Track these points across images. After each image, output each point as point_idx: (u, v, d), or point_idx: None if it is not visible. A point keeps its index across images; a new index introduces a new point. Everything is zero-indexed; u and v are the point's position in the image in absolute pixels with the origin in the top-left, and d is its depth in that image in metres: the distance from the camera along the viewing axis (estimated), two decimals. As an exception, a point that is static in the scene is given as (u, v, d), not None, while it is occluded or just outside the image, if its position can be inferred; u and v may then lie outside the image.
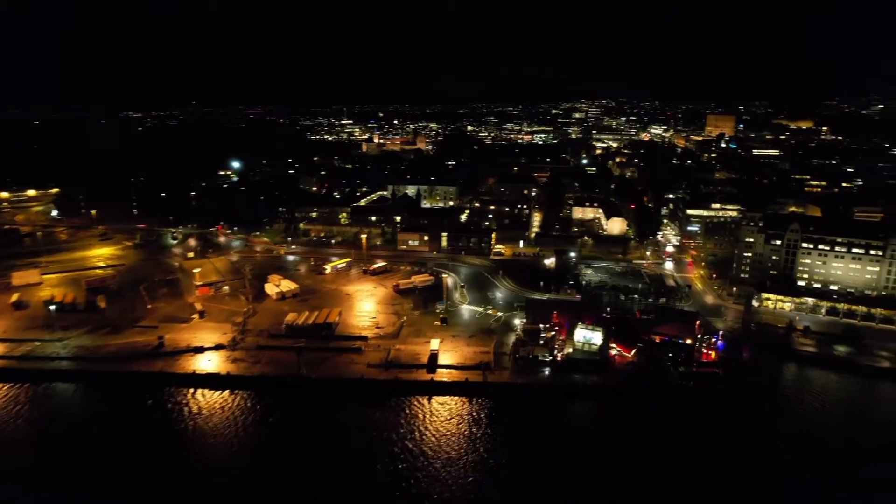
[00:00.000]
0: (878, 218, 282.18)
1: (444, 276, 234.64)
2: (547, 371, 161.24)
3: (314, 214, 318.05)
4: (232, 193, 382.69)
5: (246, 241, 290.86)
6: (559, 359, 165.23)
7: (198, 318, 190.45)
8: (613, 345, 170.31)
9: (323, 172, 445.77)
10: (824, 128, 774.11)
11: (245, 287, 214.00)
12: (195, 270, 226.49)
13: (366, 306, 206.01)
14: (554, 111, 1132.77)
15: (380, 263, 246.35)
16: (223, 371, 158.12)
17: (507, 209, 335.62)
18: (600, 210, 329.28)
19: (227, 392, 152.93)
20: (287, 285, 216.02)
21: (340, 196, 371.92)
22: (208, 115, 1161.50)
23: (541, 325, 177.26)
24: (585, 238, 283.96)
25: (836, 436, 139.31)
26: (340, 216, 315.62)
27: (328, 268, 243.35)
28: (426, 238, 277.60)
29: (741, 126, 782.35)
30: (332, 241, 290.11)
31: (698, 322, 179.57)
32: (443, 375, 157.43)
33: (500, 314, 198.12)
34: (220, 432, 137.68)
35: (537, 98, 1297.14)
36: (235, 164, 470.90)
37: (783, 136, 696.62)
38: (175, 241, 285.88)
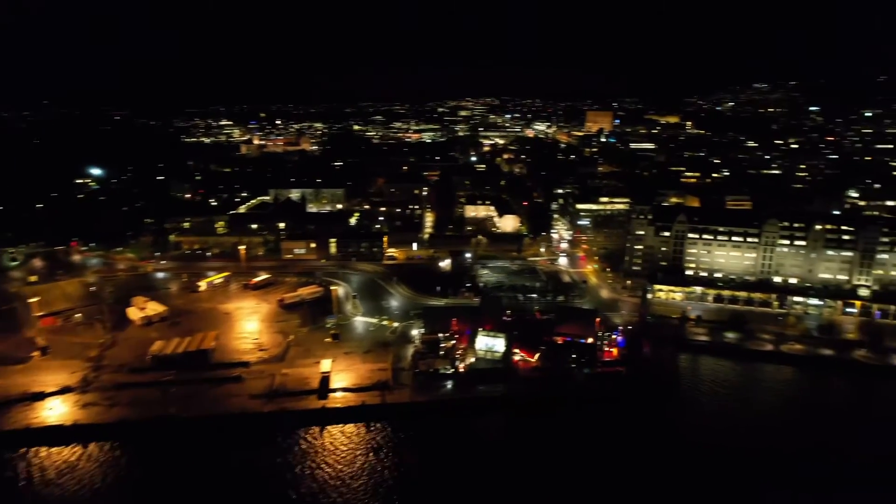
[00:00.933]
0: (748, 206, 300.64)
1: (334, 286, 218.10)
2: (449, 385, 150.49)
3: (187, 225, 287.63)
4: (90, 205, 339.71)
5: (105, 259, 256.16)
6: (461, 370, 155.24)
7: (39, 356, 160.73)
8: (517, 350, 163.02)
9: (198, 178, 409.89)
10: (689, 122, 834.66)
11: (102, 313, 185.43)
12: (32, 299, 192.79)
13: (247, 326, 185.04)
14: (440, 109, 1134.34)
15: (262, 276, 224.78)
16: (69, 420, 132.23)
17: (398, 210, 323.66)
18: (493, 208, 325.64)
19: (77, 446, 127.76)
20: (154, 308, 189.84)
21: (217, 203, 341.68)
22: (65, 116, 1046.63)
23: (440, 335, 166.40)
24: (480, 237, 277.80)
25: (731, 423, 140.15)
26: (217, 225, 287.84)
27: (203, 284, 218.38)
28: (313, 245, 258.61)
29: (618, 121, 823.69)
30: (209, 254, 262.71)
31: (598, 319, 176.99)
32: (336, 401, 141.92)
33: (396, 325, 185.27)
34: (69, 499, 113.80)
35: (423, 96, 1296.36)
36: (96, 172, 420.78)
37: (655, 131, 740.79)
38: (15, 263, 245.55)
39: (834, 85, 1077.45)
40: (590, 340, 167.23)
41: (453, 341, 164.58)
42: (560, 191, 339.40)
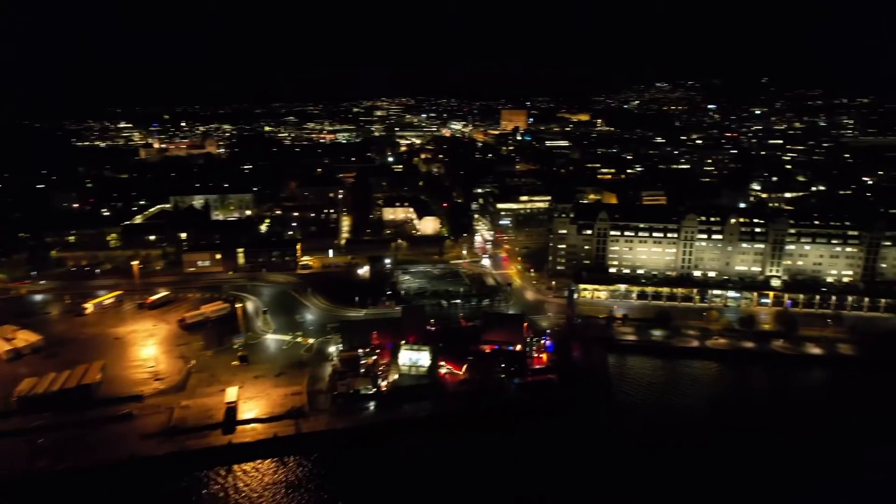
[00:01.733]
0: (664, 201, 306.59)
1: (242, 301, 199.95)
2: (372, 406, 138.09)
3: (72, 238, 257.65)
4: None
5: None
6: (384, 389, 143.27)
7: None
8: (443, 363, 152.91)
9: (89, 185, 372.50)
10: (599, 120, 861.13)
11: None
12: None
13: (142, 352, 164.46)
14: (355, 109, 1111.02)
15: (160, 294, 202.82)
16: None
17: (312, 215, 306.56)
18: (412, 209, 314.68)
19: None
20: (25, 338, 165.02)
21: (110, 213, 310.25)
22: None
23: (360, 351, 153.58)
24: (399, 241, 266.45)
25: (663, 424, 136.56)
26: (109, 238, 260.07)
27: (90, 306, 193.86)
28: (219, 257, 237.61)
29: (532, 120, 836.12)
30: (98, 271, 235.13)
31: (525, 324, 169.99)
32: (245, 434, 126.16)
33: (311, 341, 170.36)
34: None
35: (338, 97, 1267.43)
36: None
37: (568, 128, 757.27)
38: None
39: (727, 85, 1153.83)
40: (518, 347, 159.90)
41: (374, 357, 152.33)
42: (479, 190, 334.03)
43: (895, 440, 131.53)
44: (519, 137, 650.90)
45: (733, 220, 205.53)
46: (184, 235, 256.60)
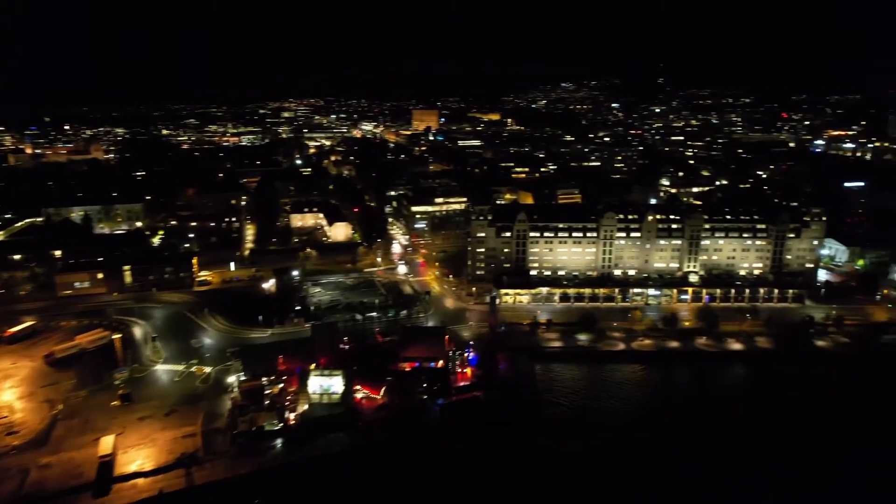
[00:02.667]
0: (579, 199, 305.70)
1: (126, 327, 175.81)
2: (279, 444, 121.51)
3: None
4: None
5: None
6: (292, 422, 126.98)
7: None
8: (358, 386, 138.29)
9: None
10: (509, 119, 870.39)
11: None
12: None
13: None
14: (262, 111, 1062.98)
15: (23, 324, 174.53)
16: None
17: (212, 224, 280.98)
18: (321, 215, 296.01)
19: None
20: None
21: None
22: None
23: (264, 379, 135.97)
24: (309, 250, 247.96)
25: (594, 435, 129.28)
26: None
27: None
28: (101, 276, 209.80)
29: (443, 120, 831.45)
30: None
31: (447, 337, 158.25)
32: (123, 494, 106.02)
33: (208, 370, 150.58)
34: None
35: (244, 98, 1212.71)
36: None
37: (479, 128, 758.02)
38: None
39: (627, 85, 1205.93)
40: (440, 363, 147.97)
41: (281, 385, 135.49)
42: (393, 193, 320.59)
43: (817, 434, 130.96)
44: (431, 137, 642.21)
45: (650, 218, 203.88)
46: (58, 253, 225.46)
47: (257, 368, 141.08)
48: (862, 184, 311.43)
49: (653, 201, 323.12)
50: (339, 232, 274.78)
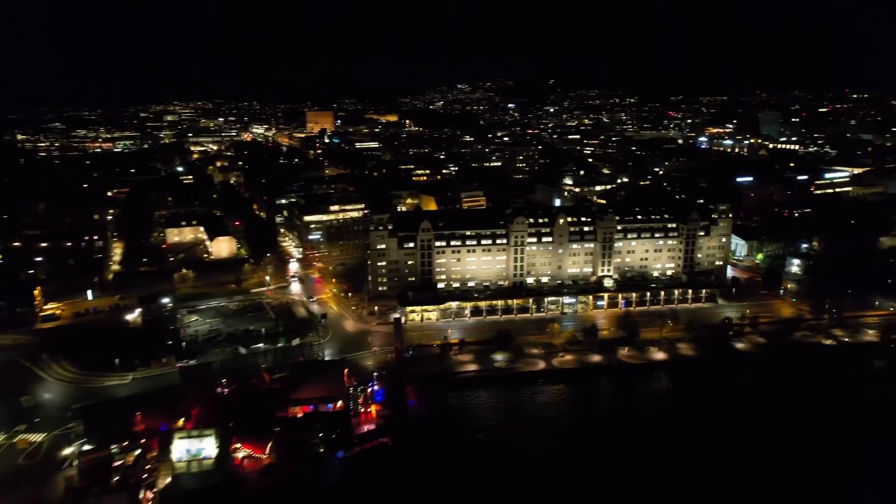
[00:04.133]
0: (483, 201, 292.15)
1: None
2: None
3: None
4: None
5: None
6: (150, 499, 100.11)
7: None
8: (239, 444, 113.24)
9: None
10: (407, 120, 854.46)
11: None
12: None
13: None
14: (142, 115, 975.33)
15: None
16: None
17: (68, 244, 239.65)
18: (202, 229, 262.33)
19: None
20: None
21: None
22: None
23: (113, 447, 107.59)
24: (185, 270, 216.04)
25: (522, 474, 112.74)
26: None
27: None
28: None
29: (339, 122, 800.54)
30: None
31: (346, 370, 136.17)
32: None
33: (37, 439, 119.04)
34: None
35: (124, 101, 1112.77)
36: None
37: (377, 129, 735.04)
38: None
39: (520, 86, 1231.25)
40: (340, 404, 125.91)
41: (136, 453, 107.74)
42: (284, 201, 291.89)
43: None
44: (327, 140, 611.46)
45: (561, 221, 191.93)
46: None
47: (106, 432, 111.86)
48: (751, 179, 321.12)
49: (558, 201, 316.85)
50: (223, 247, 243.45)
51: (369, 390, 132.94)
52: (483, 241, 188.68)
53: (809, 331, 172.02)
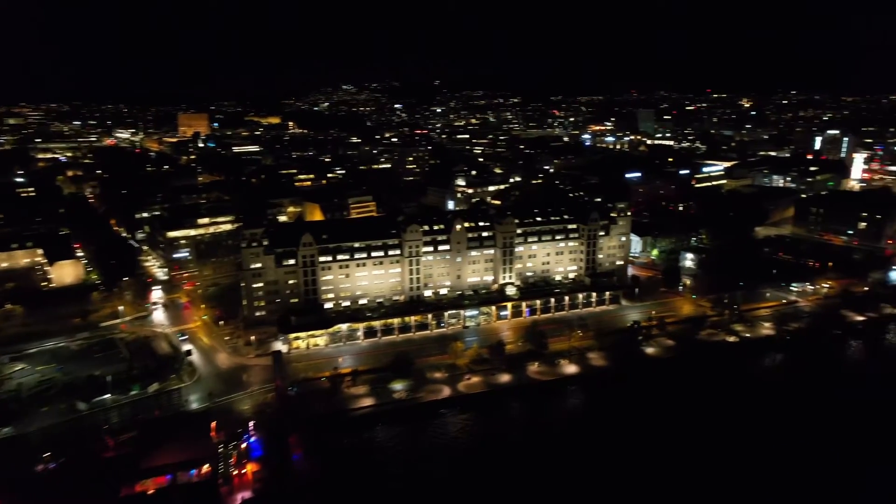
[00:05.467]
0: (373, 206, 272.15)
1: None
2: None
3: None
4: None
5: None
6: None
7: None
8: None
9: None
10: (291, 122, 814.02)
11: None
12: None
13: None
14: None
15: None
16: None
17: None
18: (40, 251, 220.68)
19: None
20: None
21: None
22: None
23: None
24: (9, 305, 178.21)
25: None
26: None
27: None
28: None
29: (217, 125, 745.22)
30: None
31: (215, 423, 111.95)
32: None
33: None
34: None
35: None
36: None
37: (258, 132, 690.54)
38: None
39: (407, 86, 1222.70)
40: (205, 469, 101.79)
41: None
42: (146, 214, 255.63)
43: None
44: (201, 144, 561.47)
45: (458, 227, 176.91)
46: None
47: None
48: (639, 174, 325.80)
49: (451, 204, 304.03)
50: (66, 273, 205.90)
51: (244, 445, 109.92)
52: (374, 254, 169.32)
53: (713, 328, 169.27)
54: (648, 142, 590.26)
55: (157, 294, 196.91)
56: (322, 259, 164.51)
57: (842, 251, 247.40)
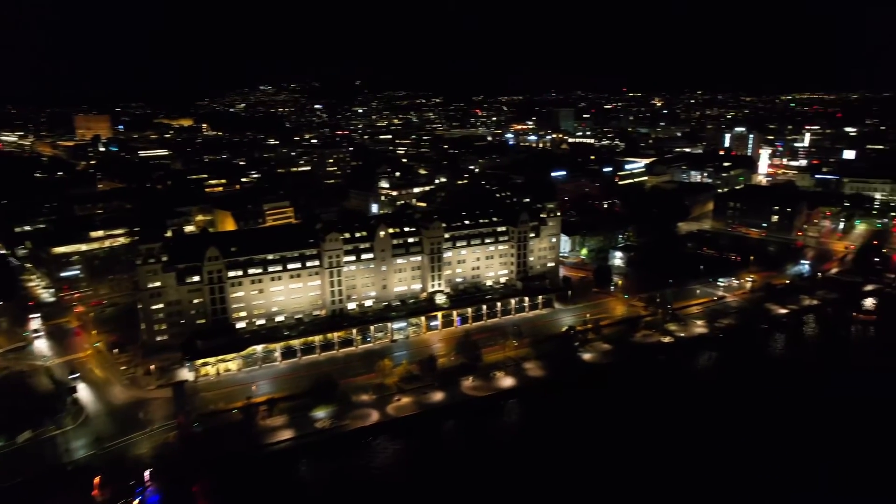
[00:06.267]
0: (290, 212, 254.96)
1: None
2: None
3: None
4: None
5: None
6: None
7: None
8: None
9: None
10: (205, 125, 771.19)
11: None
12: None
13: None
14: None
15: None
16: None
17: None
18: None
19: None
20: None
21: None
22: None
23: None
24: None
25: None
26: None
27: None
28: None
29: (121, 127, 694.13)
30: None
31: (97, 479, 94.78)
32: None
33: None
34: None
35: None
36: None
37: (168, 135, 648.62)
38: None
39: (326, 87, 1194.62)
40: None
41: None
42: (28, 228, 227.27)
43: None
44: (102, 149, 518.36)
45: (382, 233, 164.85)
46: None
47: None
48: (564, 172, 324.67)
49: (375, 207, 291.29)
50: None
51: (136, 502, 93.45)
52: (290, 266, 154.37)
53: (648, 329, 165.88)
54: (570, 140, 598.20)
55: (36, 322, 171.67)
56: (231, 274, 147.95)
57: (758, 244, 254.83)
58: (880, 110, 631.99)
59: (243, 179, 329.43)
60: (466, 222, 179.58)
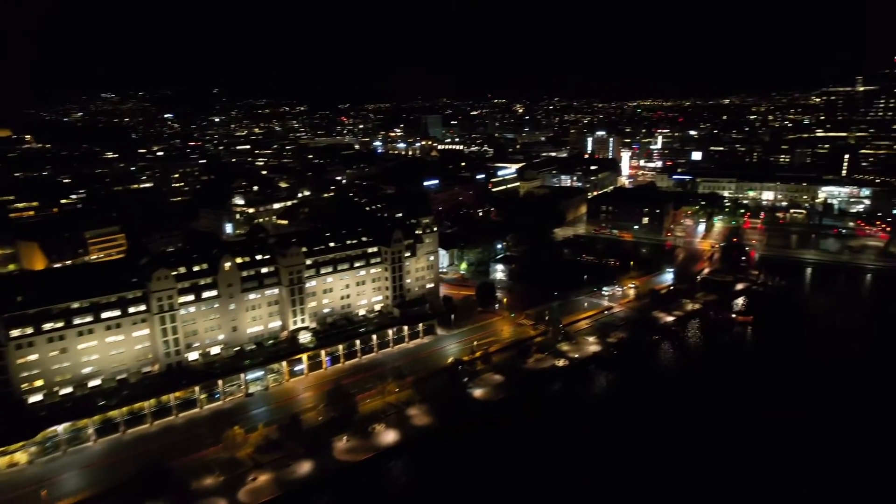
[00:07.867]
0: (122, 239, 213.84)
1: None
2: None
3: None
4: None
5: None
6: None
7: None
8: None
9: None
10: (28, 136, 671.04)
11: None
12: None
13: None
14: None
15: None
16: None
17: None
18: None
19: None
20: None
21: None
22: None
23: None
24: None
25: None
26: None
27: None
28: None
29: None
30: None
31: None
32: None
33: None
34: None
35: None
36: None
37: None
38: None
39: (182, 94, 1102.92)
40: None
41: None
42: None
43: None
44: None
45: (227, 265, 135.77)
46: None
47: None
48: (436, 181, 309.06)
49: (229, 227, 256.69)
50: None
51: None
52: (105, 314, 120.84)
53: (540, 352, 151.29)
54: (439, 147, 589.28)
55: None
56: (16, 333, 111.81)
57: (633, 247, 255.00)
58: (710, 115, 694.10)
59: (63, 201, 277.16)
60: (332, 244, 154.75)
